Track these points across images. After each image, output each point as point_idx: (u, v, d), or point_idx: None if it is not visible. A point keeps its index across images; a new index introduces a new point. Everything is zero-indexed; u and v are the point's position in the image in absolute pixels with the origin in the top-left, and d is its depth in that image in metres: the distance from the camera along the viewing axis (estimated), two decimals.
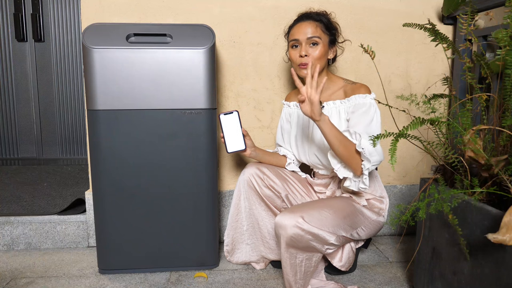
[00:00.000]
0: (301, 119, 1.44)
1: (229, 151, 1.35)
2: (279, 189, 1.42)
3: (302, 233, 1.18)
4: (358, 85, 1.33)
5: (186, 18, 1.62)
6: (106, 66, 1.30)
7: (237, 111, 1.35)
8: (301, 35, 1.33)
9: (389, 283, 1.42)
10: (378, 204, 1.40)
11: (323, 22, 1.34)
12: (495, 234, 0.77)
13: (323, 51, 1.33)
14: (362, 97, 1.29)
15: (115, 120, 1.34)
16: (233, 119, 1.35)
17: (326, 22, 1.35)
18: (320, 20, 1.34)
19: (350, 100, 1.31)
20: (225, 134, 1.35)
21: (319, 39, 1.32)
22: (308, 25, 1.33)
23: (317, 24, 1.33)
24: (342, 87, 1.38)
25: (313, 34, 1.31)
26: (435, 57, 1.76)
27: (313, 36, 1.31)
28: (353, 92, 1.32)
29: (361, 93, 1.30)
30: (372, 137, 0.98)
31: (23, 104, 2.74)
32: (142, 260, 1.45)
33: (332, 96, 1.38)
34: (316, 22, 1.34)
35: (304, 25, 1.33)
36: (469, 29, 1.12)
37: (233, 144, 1.35)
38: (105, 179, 1.37)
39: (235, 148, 1.36)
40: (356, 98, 1.30)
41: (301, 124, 1.44)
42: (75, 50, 2.70)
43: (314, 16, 1.35)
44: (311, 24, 1.33)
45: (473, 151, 0.96)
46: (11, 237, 1.67)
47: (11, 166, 2.77)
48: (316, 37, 1.31)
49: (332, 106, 1.35)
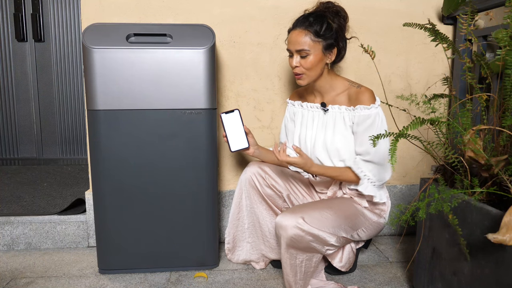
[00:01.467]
0: (305, 118, 1.44)
1: (232, 150, 1.34)
2: (281, 189, 1.42)
3: (302, 234, 1.18)
4: (362, 90, 1.30)
5: (186, 18, 1.62)
6: (106, 66, 1.30)
7: (238, 110, 1.34)
8: (291, 45, 1.29)
9: (389, 283, 1.42)
10: (379, 206, 1.40)
11: (314, 29, 1.25)
12: (495, 234, 0.77)
13: (315, 60, 1.28)
14: (366, 109, 1.27)
15: (115, 120, 1.34)
16: (235, 117, 1.34)
17: (318, 29, 1.26)
18: (311, 26, 1.26)
19: (355, 111, 1.29)
20: (228, 133, 1.34)
21: (308, 51, 1.26)
22: (298, 35, 1.27)
23: (306, 33, 1.25)
24: (347, 90, 1.35)
25: (301, 47, 1.26)
26: (435, 57, 1.76)
27: (300, 49, 1.26)
28: (357, 99, 1.29)
29: (365, 103, 1.28)
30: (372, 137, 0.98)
31: (23, 104, 2.74)
32: (142, 260, 1.45)
33: (336, 98, 1.36)
34: (305, 31, 1.26)
35: (294, 34, 1.28)
36: (469, 29, 1.12)
37: (236, 142, 1.34)
38: (105, 179, 1.37)
39: (239, 146, 1.35)
40: (360, 110, 1.28)
41: (305, 124, 1.44)
42: (75, 50, 2.70)
43: (305, 23, 1.27)
44: (300, 34, 1.26)
45: (473, 151, 0.96)
46: (11, 237, 1.67)
47: (11, 166, 2.76)
48: (304, 50, 1.26)
49: (337, 110, 1.34)
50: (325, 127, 1.37)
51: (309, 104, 1.43)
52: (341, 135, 1.33)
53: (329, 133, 1.35)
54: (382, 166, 1.30)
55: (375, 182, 1.31)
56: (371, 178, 1.30)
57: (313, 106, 1.41)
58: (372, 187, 1.31)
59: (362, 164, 1.30)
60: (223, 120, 1.33)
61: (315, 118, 1.40)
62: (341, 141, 1.32)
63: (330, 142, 1.34)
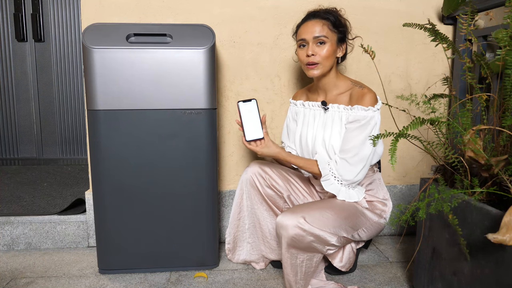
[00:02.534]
0: (307, 117, 1.44)
1: (247, 139, 1.31)
2: (281, 190, 1.42)
3: (303, 234, 1.18)
4: (365, 92, 1.29)
5: (186, 18, 1.62)
6: (106, 66, 1.30)
7: (256, 99, 1.31)
8: (308, 34, 1.31)
9: (389, 283, 1.42)
10: (380, 206, 1.40)
11: (331, 20, 1.31)
12: (495, 234, 0.78)
13: (331, 50, 1.31)
14: (363, 110, 1.27)
15: (115, 120, 1.34)
16: (252, 107, 1.31)
17: (334, 20, 1.31)
18: (327, 18, 1.31)
19: (352, 110, 1.29)
20: (244, 122, 1.30)
21: (326, 38, 1.29)
22: (315, 24, 1.31)
23: (324, 22, 1.30)
24: (350, 90, 1.35)
25: (320, 33, 1.29)
26: (435, 57, 1.76)
27: (319, 35, 1.29)
28: (357, 99, 1.29)
29: (364, 104, 1.27)
30: (372, 137, 0.98)
31: (23, 104, 2.74)
32: (142, 260, 1.45)
33: (338, 97, 1.36)
34: (323, 21, 1.30)
35: (311, 24, 1.31)
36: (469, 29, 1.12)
37: (251, 132, 1.31)
38: (105, 179, 1.37)
39: (254, 136, 1.31)
40: (357, 110, 1.28)
41: (307, 122, 1.44)
42: (75, 50, 2.70)
43: (321, 14, 1.32)
44: (318, 23, 1.30)
45: (473, 151, 0.96)
46: (11, 237, 1.67)
47: (11, 166, 2.77)
48: (323, 36, 1.29)
49: (336, 110, 1.34)
50: (325, 125, 1.37)
51: (311, 103, 1.43)
52: (338, 133, 1.33)
53: (328, 132, 1.35)
54: (353, 167, 1.28)
55: (342, 181, 1.31)
56: (337, 175, 1.30)
57: (315, 104, 1.42)
58: (337, 184, 1.31)
59: (335, 160, 1.31)
60: (240, 109, 1.30)
61: (316, 116, 1.41)
62: (337, 139, 1.32)
63: (328, 141, 1.34)
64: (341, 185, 1.32)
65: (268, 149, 1.31)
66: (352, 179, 1.30)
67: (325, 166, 1.31)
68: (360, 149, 1.26)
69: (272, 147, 1.32)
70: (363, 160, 1.28)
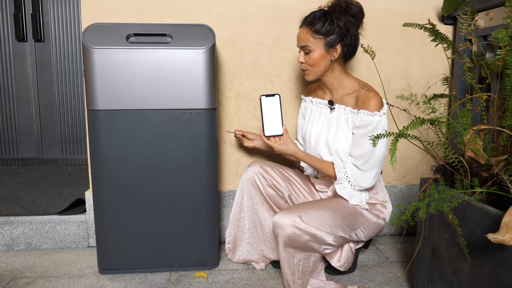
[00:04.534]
0: (313, 114, 1.44)
1: (266, 134, 1.31)
2: (282, 189, 1.42)
3: (299, 233, 1.19)
4: (371, 95, 1.26)
5: (186, 18, 1.62)
6: (106, 66, 1.30)
7: (279, 95, 1.31)
8: (297, 42, 1.34)
9: (389, 283, 1.42)
10: (380, 207, 1.40)
11: (315, 27, 1.27)
12: (495, 234, 0.77)
13: (317, 56, 1.29)
14: (369, 115, 1.25)
15: (115, 120, 1.34)
16: (274, 102, 1.30)
17: (320, 26, 1.26)
18: (312, 24, 1.27)
19: (358, 114, 1.28)
20: (264, 117, 1.30)
21: (309, 47, 1.29)
22: (301, 32, 1.31)
23: (308, 30, 1.28)
24: (356, 92, 1.32)
25: (304, 43, 1.30)
26: (435, 57, 1.76)
27: (304, 45, 1.30)
28: (363, 103, 1.27)
29: (370, 109, 1.25)
30: (372, 137, 0.98)
31: (23, 104, 2.74)
32: (142, 260, 1.45)
33: (344, 98, 1.35)
34: (307, 28, 1.29)
35: (300, 32, 1.33)
36: (469, 29, 1.12)
37: (271, 127, 1.31)
38: (105, 179, 1.37)
39: (273, 132, 1.31)
40: (363, 115, 1.26)
41: (312, 119, 1.44)
42: (75, 50, 2.70)
43: (307, 21, 1.30)
44: (302, 32, 1.30)
45: (473, 151, 0.96)
46: (11, 237, 1.67)
47: (11, 166, 2.77)
48: (306, 46, 1.29)
49: (343, 111, 1.33)
50: (329, 125, 1.37)
51: (318, 100, 1.43)
52: (343, 135, 1.32)
53: (332, 132, 1.35)
54: (367, 173, 1.29)
55: (355, 186, 1.32)
56: (351, 181, 1.31)
57: (322, 102, 1.41)
58: (350, 189, 1.32)
59: (349, 165, 1.31)
60: (262, 103, 1.30)
61: (322, 114, 1.41)
62: (342, 141, 1.32)
63: (331, 141, 1.34)
64: (354, 190, 1.33)
65: (286, 146, 1.32)
66: (367, 185, 1.31)
67: (341, 170, 1.31)
68: (371, 155, 1.26)
69: (290, 145, 1.32)
70: (376, 166, 1.28)
